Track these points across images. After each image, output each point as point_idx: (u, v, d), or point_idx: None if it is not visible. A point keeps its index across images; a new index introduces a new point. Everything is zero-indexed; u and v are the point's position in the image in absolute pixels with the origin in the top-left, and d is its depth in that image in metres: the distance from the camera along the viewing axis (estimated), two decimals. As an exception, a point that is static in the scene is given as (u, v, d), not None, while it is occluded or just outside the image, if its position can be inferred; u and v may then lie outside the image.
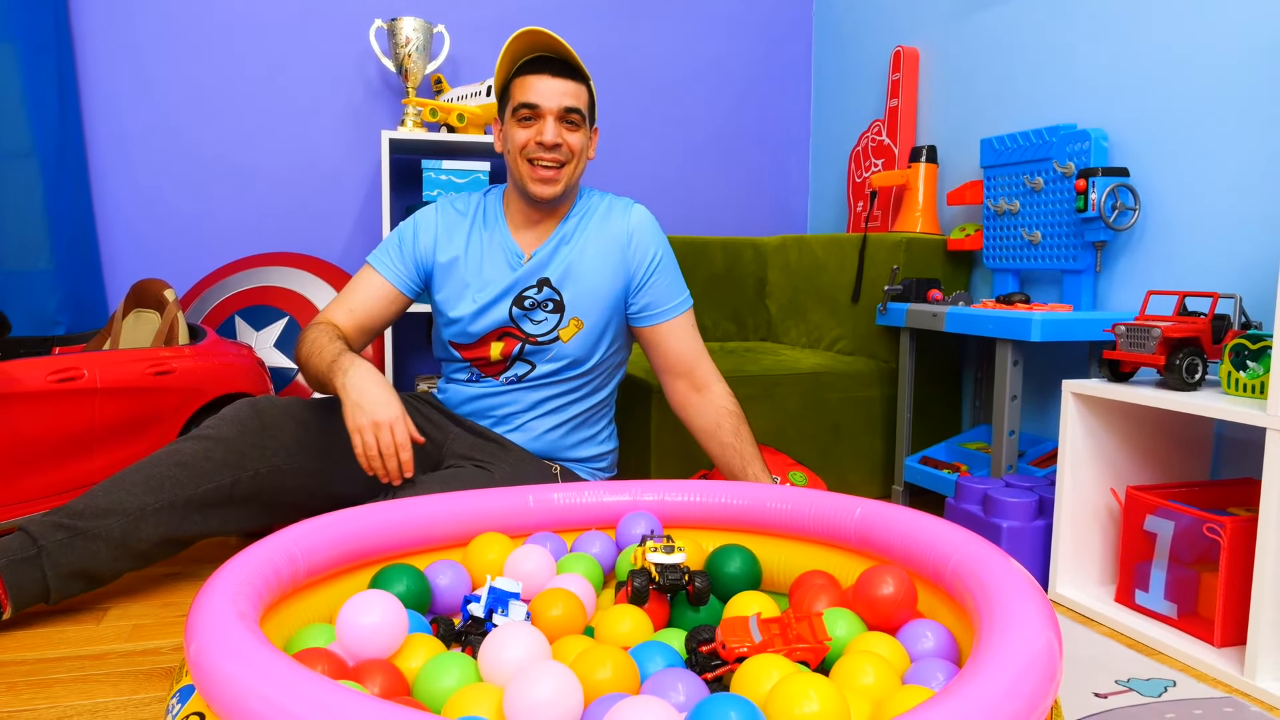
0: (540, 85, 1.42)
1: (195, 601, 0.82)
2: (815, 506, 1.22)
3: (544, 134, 1.43)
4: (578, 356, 1.54)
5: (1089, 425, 1.47)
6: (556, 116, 1.43)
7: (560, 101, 1.43)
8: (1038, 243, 1.88)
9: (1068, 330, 1.64)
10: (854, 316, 2.22)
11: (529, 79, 1.43)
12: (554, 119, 1.43)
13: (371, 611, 0.87)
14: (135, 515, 1.30)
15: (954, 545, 1.02)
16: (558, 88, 1.43)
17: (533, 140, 1.44)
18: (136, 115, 2.29)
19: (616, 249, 1.53)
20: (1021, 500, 1.53)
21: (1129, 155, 1.75)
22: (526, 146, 1.44)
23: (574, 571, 1.16)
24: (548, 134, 1.43)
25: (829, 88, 2.81)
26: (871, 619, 1.01)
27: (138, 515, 1.30)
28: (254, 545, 0.96)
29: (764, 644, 0.88)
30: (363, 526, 1.09)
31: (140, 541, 1.30)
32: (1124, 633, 1.37)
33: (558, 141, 1.43)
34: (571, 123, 1.45)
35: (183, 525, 1.33)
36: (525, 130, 1.44)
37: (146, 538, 1.30)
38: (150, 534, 1.30)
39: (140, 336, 1.88)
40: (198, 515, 1.34)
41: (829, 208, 2.83)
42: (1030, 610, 0.84)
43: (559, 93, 1.43)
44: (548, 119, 1.43)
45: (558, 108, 1.43)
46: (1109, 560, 1.52)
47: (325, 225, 2.46)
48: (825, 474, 2.04)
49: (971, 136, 2.17)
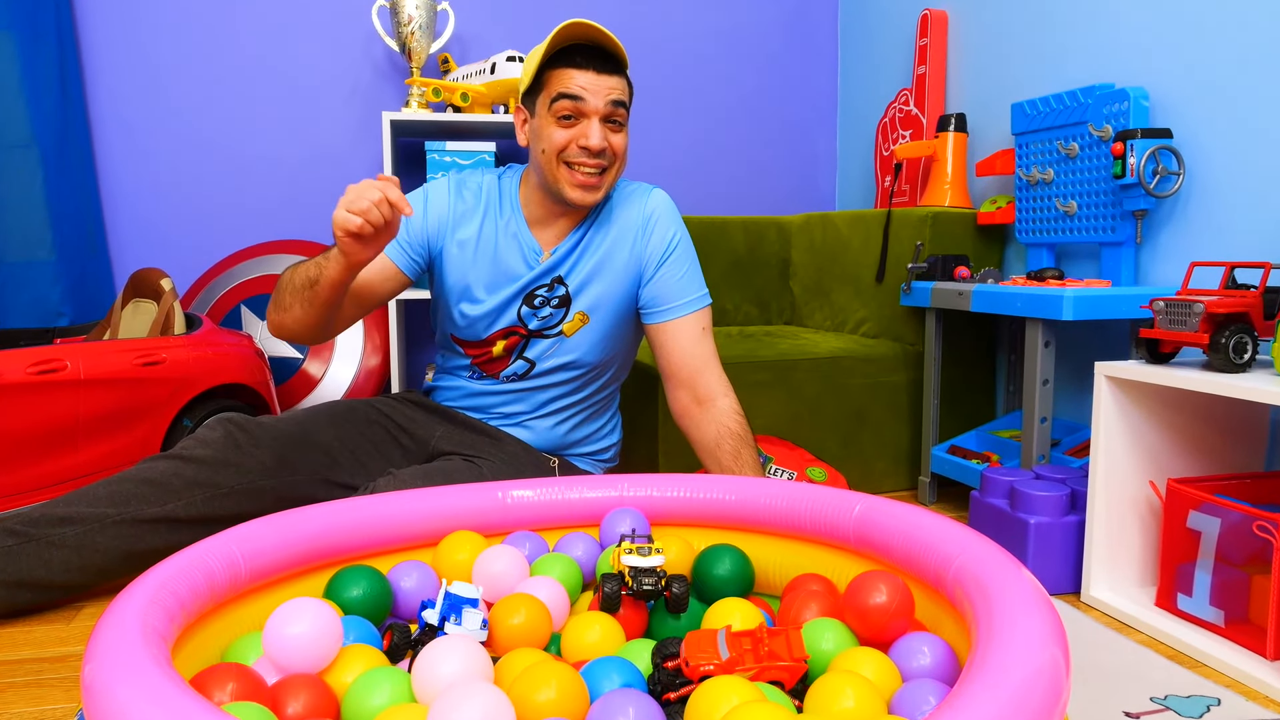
0: (586, 80, 1.29)
1: (107, 610, 0.76)
2: (812, 502, 1.12)
3: (589, 138, 1.30)
4: (580, 355, 1.45)
5: (1125, 411, 1.35)
6: (602, 116, 1.31)
7: (606, 98, 1.30)
8: (1073, 213, 1.74)
9: (1103, 307, 1.50)
10: (878, 297, 2.10)
11: (572, 72, 1.29)
12: (599, 120, 1.30)
13: (300, 620, 0.80)
14: (94, 525, 1.24)
15: (959, 547, 0.92)
16: (605, 84, 1.30)
17: (575, 143, 1.31)
18: (141, 102, 2.26)
19: (629, 236, 1.42)
20: (1051, 494, 1.41)
21: (1172, 115, 1.60)
22: (567, 149, 1.32)
23: (548, 575, 1.08)
24: (594, 138, 1.29)
25: (855, 56, 2.67)
26: (863, 631, 0.91)
27: (96, 525, 1.24)
28: (188, 549, 0.89)
29: (731, 661, 0.79)
30: (316, 528, 1.02)
31: (96, 553, 1.24)
32: (1163, 641, 1.24)
33: (604, 145, 1.31)
34: (616, 121, 1.33)
35: (146, 539, 1.27)
36: (565, 130, 1.31)
37: (104, 549, 1.24)
38: (108, 545, 1.24)
39: (138, 327, 1.84)
40: (164, 529, 1.27)
41: (857, 183, 2.69)
42: (1031, 623, 0.74)
43: (605, 88, 1.30)
44: (593, 120, 1.30)
45: (604, 105, 1.30)
46: (1148, 560, 1.39)
47: (331, 210, 2.41)
48: (847, 465, 1.93)
49: (1002, 102, 2.02)
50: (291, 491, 1.35)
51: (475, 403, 1.50)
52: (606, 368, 1.50)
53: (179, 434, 1.68)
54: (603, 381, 1.51)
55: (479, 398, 1.50)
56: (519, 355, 1.45)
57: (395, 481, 1.26)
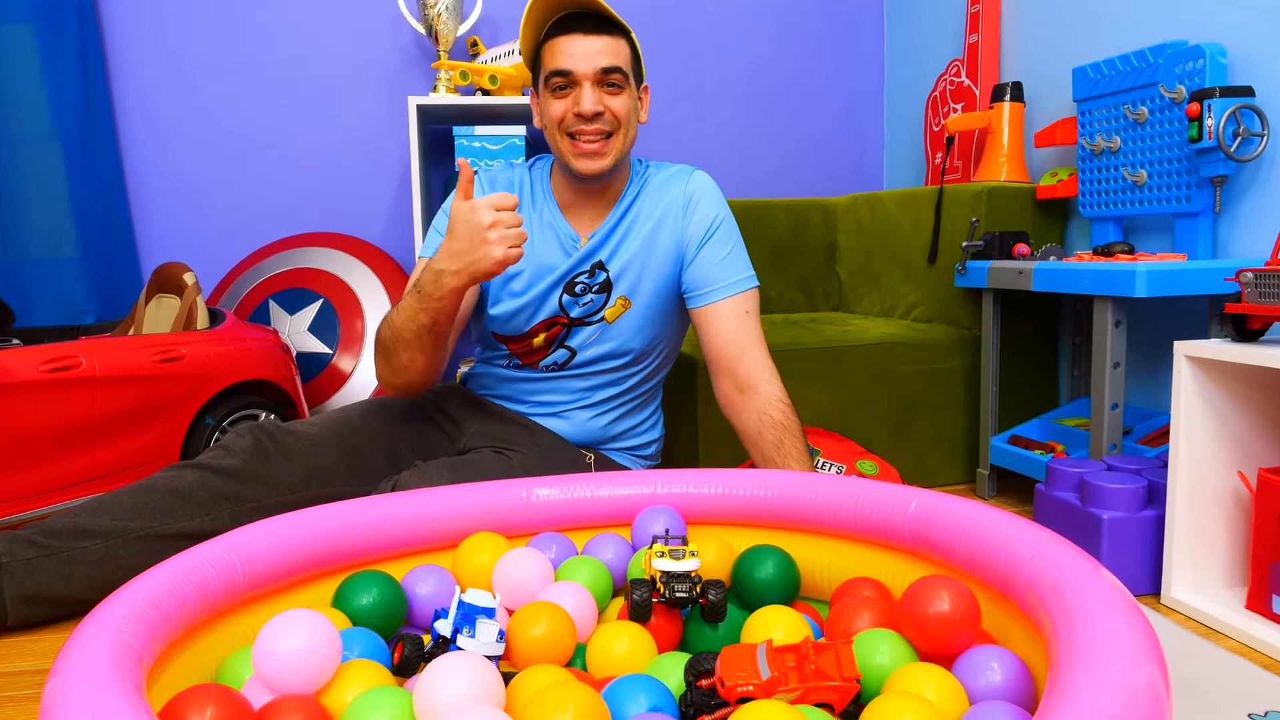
0: (570, 47, 1.23)
1: (78, 628, 0.69)
2: (862, 498, 1.02)
3: (581, 103, 1.24)
4: (622, 342, 1.37)
5: (1208, 395, 1.22)
6: (594, 81, 1.24)
7: (595, 62, 1.24)
8: (1143, 183, 1.60)
9: (1180, 283, 1.37)
10: (930, 280, 1.98)
11: (558, 41, 1.24)
12: (591, 84, 1.24)
13: (293, 635, 0.72)
14: (117, 539, 1.19)
15: (1030, 548, 0.81)
16: (591, 46, 1.23)
17: (570, 112, 1.25)
18: (166, 93, 2.22)
19: (671, 217, 1.35)
20: (1126, 486, 1.29)
21: (1253, 73, 1.46)
22: (564, 120, 1.26)
23: (574, 580, 0.99)
24: (585, 102, 1.24)
25: (902, 28, 2.54)
26: (922, 644, 0.81)
27: (120, 540, 1.19)
28: (180, 556, 0.82)
29: (773, 681, 0.69)
30: (322, 530, 0.95)
31: (119, 569, 1.18)
32: (1259, 649, 1.12)
33: (598, 109, 1.24)
34: (613, 85, 1.26)
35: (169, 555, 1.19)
36: (561, 101, 1.26)
37: (126, 565, 1.18)
38: (131, 561, 1.19)
39: (161, 322, 1.80)
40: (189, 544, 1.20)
41: (906, 162, 2.56)
42: (1123, 636, 0.63)
43: (593, 52, 1.23)
44: (584, 86, 1.24)
45: (593, 70, 1.24)
46: (1237, 558, 1.26)
47: (363, 203, 2.35)
48: (899, 458, 1.82)
49: (1062, 68, 1.88)
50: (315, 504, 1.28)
51: (511, 390, 1.43)
52: (649, 355, 1.42)
53: (200, 433, 1.64)
54: (646, 373, 1.44)
55: (514, 384, 1.43)
56: (560, 344, 1.38)
57: (420, 475, 1.19)
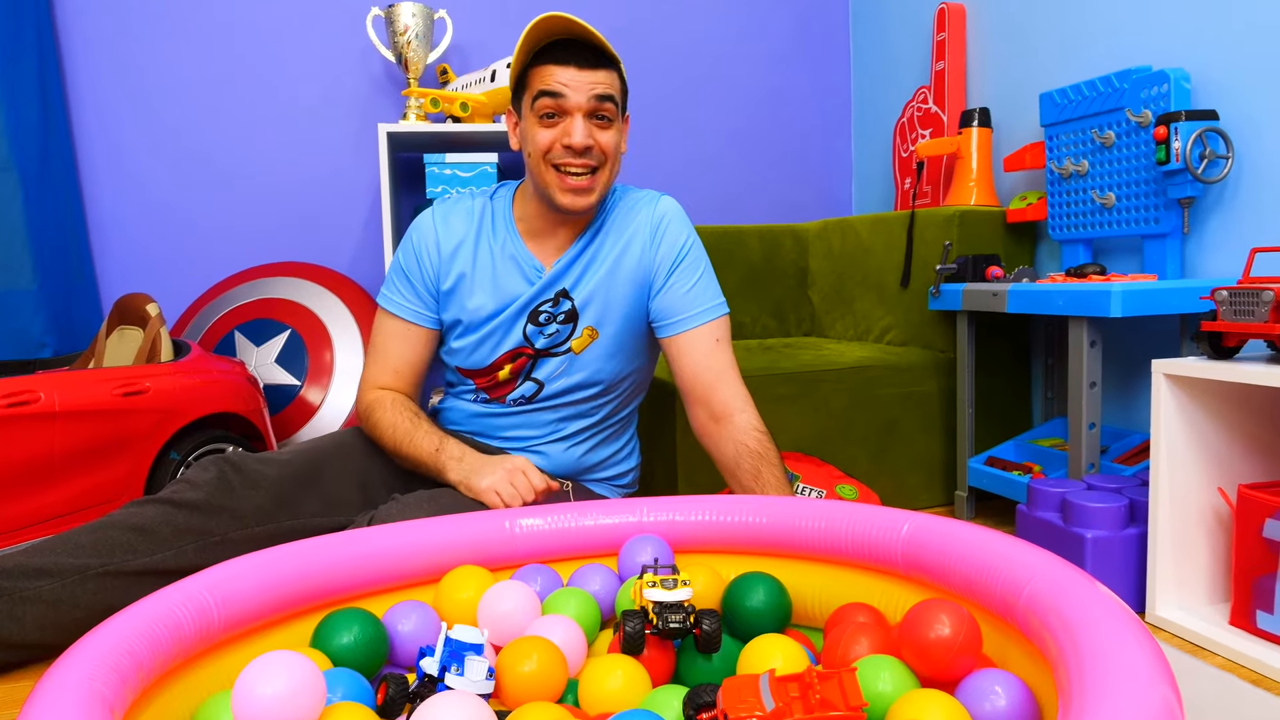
0: (564, 75, 1.20)
1: (46, 674, 0.65)
2: (854, 523, 1.01)
3: (572, 135, 1.20)
4: (591, 373, 1.34)
5: (1187, 412, 1.23)
6: (586, 112, 1.21)
7: (589, 93, 1.20)
8: (1111, 206, 1.63)
9: (1154, 302, 1.39)
10: (904, 303, 1.99)
11: (550, 68, 1.21)
12: (583, 116, 1.21)
13: (274, 679, 0.69)
14: (74, 578, 1.13)
15: (1028, 569, 0.80)
16: (586, 78, 1.20)
17: (558, 143, 1.22)
18: (131, 122, 2.18)
19: (638, 244, 1.32)
20: (1108, 505, 1.29)
21: (1216, 96, 1.49)
22: (551, 150, 1.22)
23: (561, 613, 0.97)
24: (576, 135, 1.20)
25: (869, 56, 2.58)
26: (923, 669, 0.79)
27: (77, 578, 1.13)
28: (151, 597, 0.79)
29: (778, 713, 0.67)
30: (300, 567, 0.91)
31: (76, 609, 1.13)
32: (1245, 664, 1.12)
33: (588, 143, 1.21)
34: (604, 117, 1.23)
35: (132, 593, 1.14)
36: (548, 130, 1.22)
37: (85, 605, 1.13)
38: (89, 601, 1.13)
39: (123, 355, 1.75)
40: (151, 582, 1.15)
41: (875, 187, 2.59)
42: (1136, 657, 0.62)
43: (587, 83, 1.20)
44: (575, 117, 1.21)
45: (587, 100, 1.20)
46: (1219, 574, 1.27)
47: (331, 232, 2.32)
48: (879, 481, 1.81)
49: (1028, 94, 1.92)
50: (293, 536, 1.24)
51: (481, 425, 1.40)
52: (619, 385, 1.39)
53: (165, 468, 1.58)
54: (618, 402, 1.41)
55: (484, 419, 1.39)
56: (526, 377, 1.35)
57: (399, 508, 1.15)
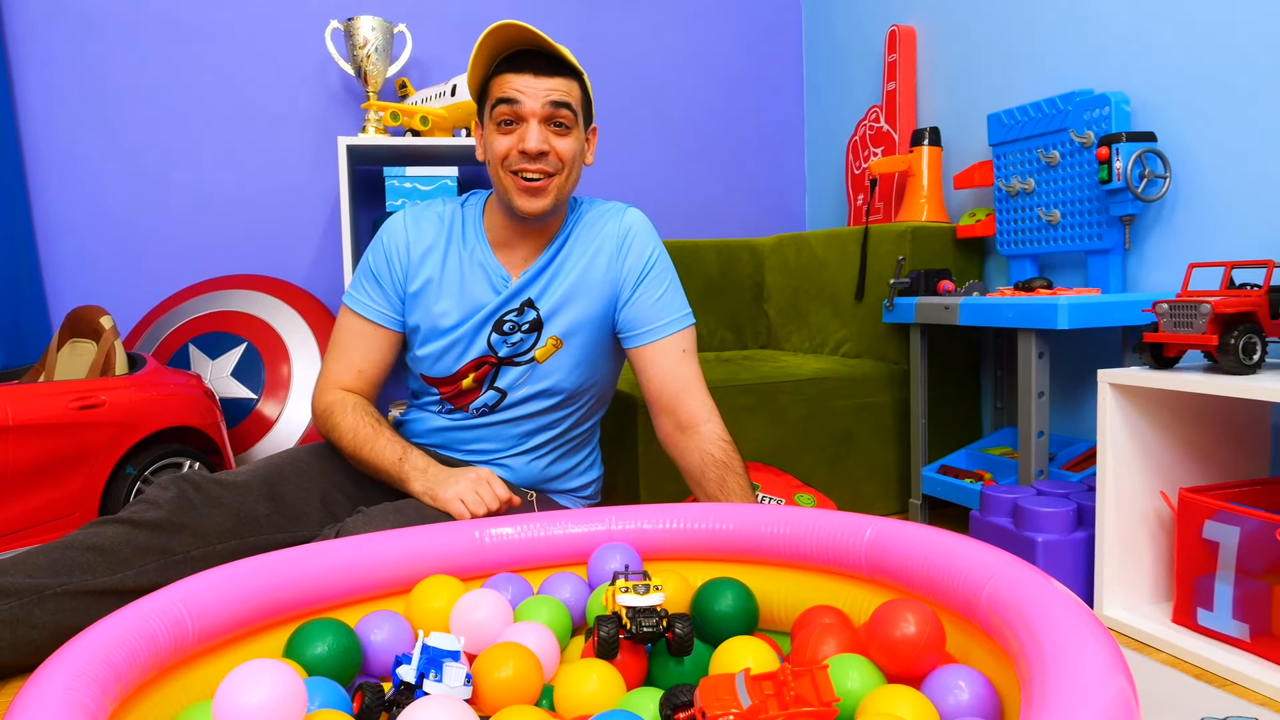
0: (520, 83, 1.23)
1: (24, 688, 0.65)
2: (819, 529, 1.04)
3: (526, 141, 1.23)
4: (554, 382, 1.36)
5: (1131, 420, 1.29)
6: (541, 119, 1.24)
7: (545, 99, 1.23)
8: (1057, 222, 1.70)
9: (1099, 315, 1.46)
10: (859, 316, 2.04)
11: (508, 76, 1.24)
12: (538, 122, 1.24)
13: (257, 688, 0.69)
14: (31, 598, 1.10)
15: (987, 570, 0.84)
16: (541, 84, 1.23)
17: (514, 149, 1.24)
18: (81, 132, 2.14)
19: (605, 255, 1.35)
20: (1058, 510, 1.34)
21: (1154, 119, 1.57)
22: (508, 156, 1.25)
23: (534, 620, 0.98)
24: (530, 140, 1.23)
25: (822, 75, 2.64)
26: (890, 666, 0.82)
27: (34, 598, 1.10)
28: (125, 609, 0.78)
29: (754, 710, 0.70)
30: (272, 579, 0.91)
31: (33, 629, 1.10)
32: (1188, 660, 1.17)
33: (543, 148, 1.24)
34: (560, 124, 1.25)
35: (91, 613, 1.11)
36: (506, 137, 1.25)
37: (41, 625, 1.10)
38: (46, 621, 1.11)
39: (76, 368, 1.72)
40: (113, 602, 1.13)
41: (828, 203, 2.65)
42: (1093, 649, 0.66)
43: (543, 89, 1.23)
44: (530, 123, 1.23)
45: (542, 107, 1.23)
46: (1162, 575, 1.33)
47: (287, 245, 2.30)
48: (835, 489, 1.85)
49: (977, 114, 1.99)
50: (255, 553, 1.23)
51: (444, 439, 1.40)
52: (582, 396, 1.41)
53: (121, 483, 1.55)
54: (580, 414, 1.43)
55: (447, 433, 1.40)
56: (489, 385, 1.36)
57: (365, 520, 1.15)
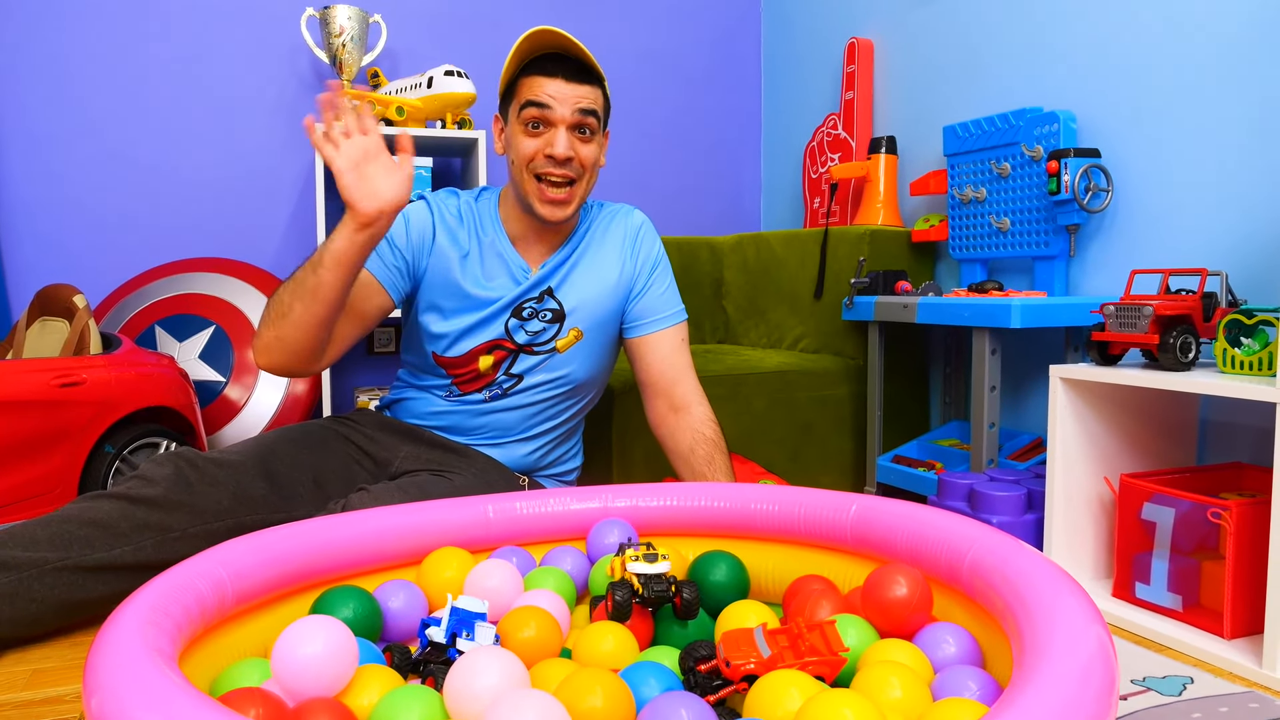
0: (552, 87, 1.28)
1: (98, 638, 0.68)
2: (805, 506, 1.12)
3: (555, 146, 1.28)
4: (572, 370, 1.42)
5: (1078, 412, 1.40)
6: (570, 125, 1.29)
7: (574, 106, 1.28)
8: (1006, 230, 1.82)
9: (1047, 315, 1.58)
10: (817, 313, 2.14)
11: (539, 79, 1.28)
12: (566, 129, 1.29)
13: (314, 640, 0.73)
14: (31, 571, 1.11)
15: (968, 539, 0.93)
16: (572, 91, 1.28)
17: (541, 152, 1.29)
18: (47, 111, 2.11)
19: (618, 253, 1.43)
20: (1011, 494, 1.45)
21: (1098, 137, 1.70)
22: (534, 159, 1.30)
23: (544, 587, 1.03)
24: (559, 146, 1.28)
25: (780, 83, 2.75)
26: (883, 625, 0.91)
27: (34, 571, 1.12)
28: (171, 570, 0.81)
29: (773, 659, 0.77)
30: (302, 545, 0.95)
31: (32, 603, 1.12)
32: (1128, 629, 1.29)
33: (569, 155, 1.29)
34: (586, 131, 1.31)
35: (89, 587, 1.15)
36: (533, 139, 1.29)
37: (41, 599, 1.12)
38: (45, 595, 1.12)
39: (47, 347, 1.70)
40: (110, 577, 1.16)
41: (783, 205, 2.75)
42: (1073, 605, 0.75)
43: (573, 97, 1.28)
44: (559, 129, 1.28)
45: (571, 113, 1.28)
46: (1104, 553, 1.45)
47: (255, 228, 2.30)
48: (795, 477, 1.95)
49: (932, 125, 2.11)
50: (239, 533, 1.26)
51: (447, 421, 1.44)
52: (591, 387, 1.48)
53: (100, 461, 1.55)
54: (583, 404, 1.50)
55: (450, 416, 1.43)
56: (506, 371, 1.40)
57: (370, 497, 1.19)
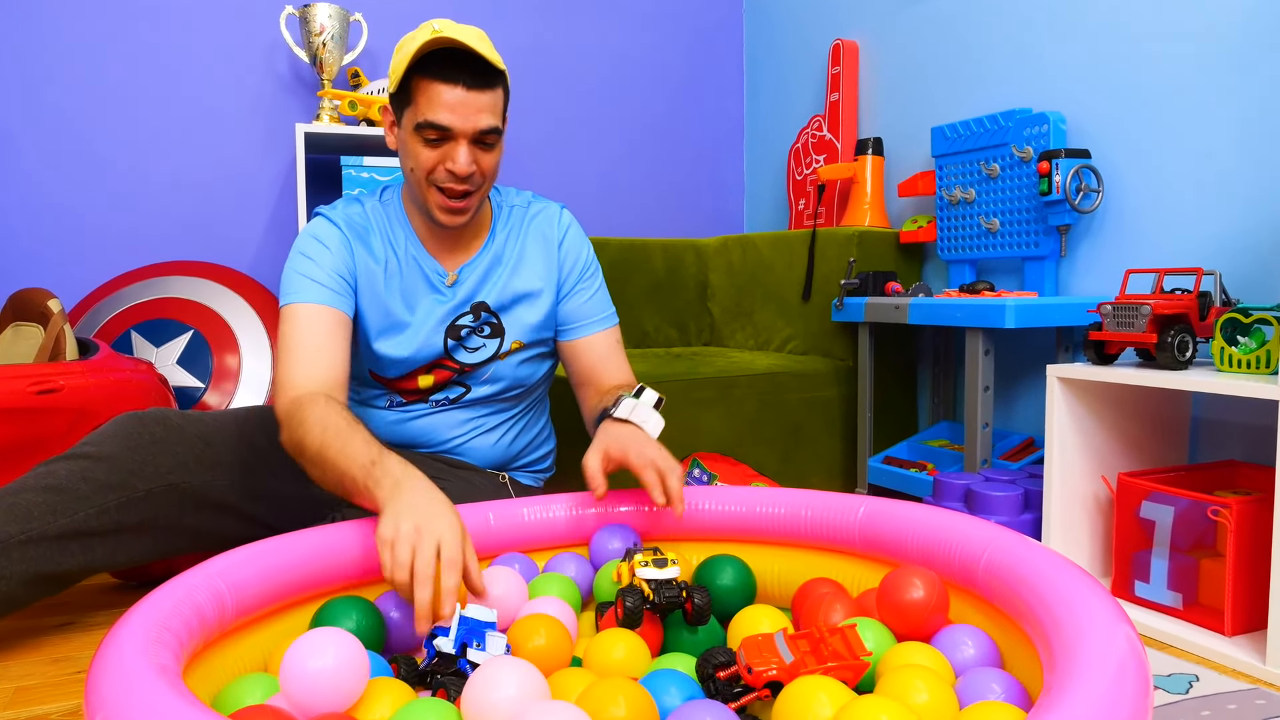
0: (451, 98, 1.17)
1: (99, 655, 0.65)
2: (812, 509, 1.11)
3: (456, 161, 1.19)
4: (517, 378, 1.38)
5: (1075, 411, 1.40)
6: (471, 139, 1.20)
7: (475, 122, 1.18)
8: (996, 230, 1.82)
9: (1040, 316, 1.58)
10: (805, 315, 2.14)
11: (437, 87, 1.17)
12: (468, 144, 1.19)
13: (324, 653, 0.71)
14: None
15: (982, 540, 0.92)
16: (473, 104, 1.18)
17: (441, 166, 1.20)
18: (21, 113, 2.04)
19: (544, 254, 1.37)
20: (1008, 494, 1.45)
21: (1087, 138, 1.71)
22: (434, 172, 1.21)
23: (549, 594, 1.01)
24: (461, 162, 1.18)
25: (764, 84, 2.74)
26: (900, 628, 0.89)
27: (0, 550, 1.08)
28: (169, 582, 0.78)
29: (796, 664, 0.75)
30: (304, 554, 0.92)
31: (3, 581, 1.08)
32: (1128, 628, 1.29)
33: (472, 169, 1.20)
34: (486, 144, 1.22)
35: (59, 559, 1.12)
36: (432, 151, 1.20)
37: (12, 576, 1.09)
38: (16, 571, 1.09)
39: (20, 352, 1.64)
40: (77, 546, 1.13)
41: (766, 207, 2.75)
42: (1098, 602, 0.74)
43: (475, 111, 1.18)
44: (461, 144, 1.19)
45: (473, 129, 1.19)
46: (1102, 552, 1.45)
47: (233, 231, 2.24)
48: (787, 480, 1.94)
49: (919, 127, 2.11)
50: (211, 493, 1.24)
51: (401, 430, 1.37)
52: (541, 383, 1.46)
53: (79, 471, 1.50)
54: (539, 393, 1.47)
55: (404, 425, 1.37)
56: (452, 383, 1.36)
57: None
